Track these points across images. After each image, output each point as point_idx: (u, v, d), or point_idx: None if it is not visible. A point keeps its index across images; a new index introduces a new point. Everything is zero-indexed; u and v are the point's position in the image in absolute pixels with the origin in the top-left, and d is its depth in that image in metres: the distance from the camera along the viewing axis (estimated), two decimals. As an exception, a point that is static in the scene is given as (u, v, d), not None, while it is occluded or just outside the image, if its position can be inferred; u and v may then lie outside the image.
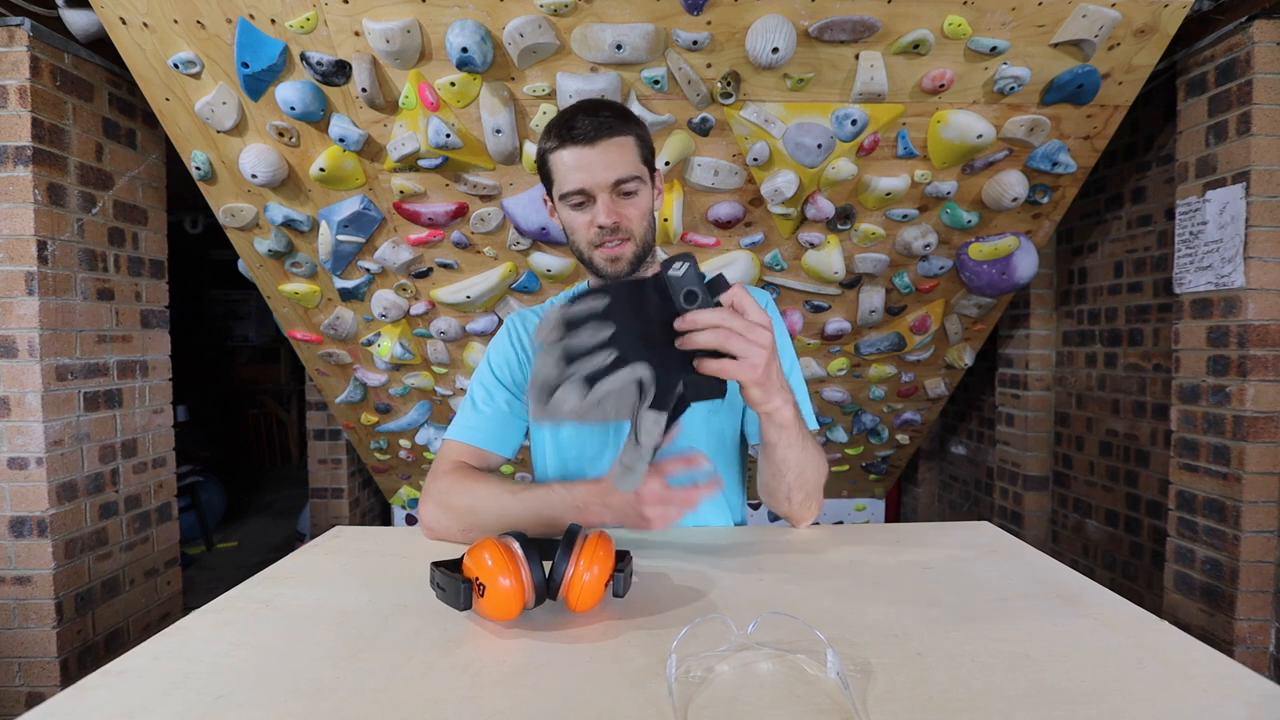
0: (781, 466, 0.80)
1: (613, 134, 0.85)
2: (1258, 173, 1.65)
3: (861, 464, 3.05)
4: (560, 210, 0.90)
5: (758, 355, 0.64)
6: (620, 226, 0.87)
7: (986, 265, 2.08)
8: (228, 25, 1.53)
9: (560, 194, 0.88)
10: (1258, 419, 1.66)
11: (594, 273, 0.92)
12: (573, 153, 0.85)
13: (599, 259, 0.89)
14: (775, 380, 0.71)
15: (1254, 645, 1.71)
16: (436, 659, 0.54)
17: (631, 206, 0.87)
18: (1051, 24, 1.55)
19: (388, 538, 0.88)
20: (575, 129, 0.84)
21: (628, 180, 0.86)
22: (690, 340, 0.62)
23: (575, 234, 0.89)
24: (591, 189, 0.85)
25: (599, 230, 0.86)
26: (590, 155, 0.84)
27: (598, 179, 0.84)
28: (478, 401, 0.97)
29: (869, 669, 0.52)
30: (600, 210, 0.85)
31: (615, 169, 0.85)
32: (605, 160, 0.84)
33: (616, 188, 0.86)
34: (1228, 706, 0.47)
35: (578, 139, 0.84)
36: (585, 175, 0.84)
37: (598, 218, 0.86)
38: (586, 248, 0.89)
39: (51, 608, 1.76)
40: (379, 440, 2.80)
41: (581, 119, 0.85)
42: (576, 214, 0.88)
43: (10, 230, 1.71)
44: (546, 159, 0.89)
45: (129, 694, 0.49)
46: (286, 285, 2.16)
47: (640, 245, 0.90)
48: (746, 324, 0.63)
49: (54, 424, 1.77)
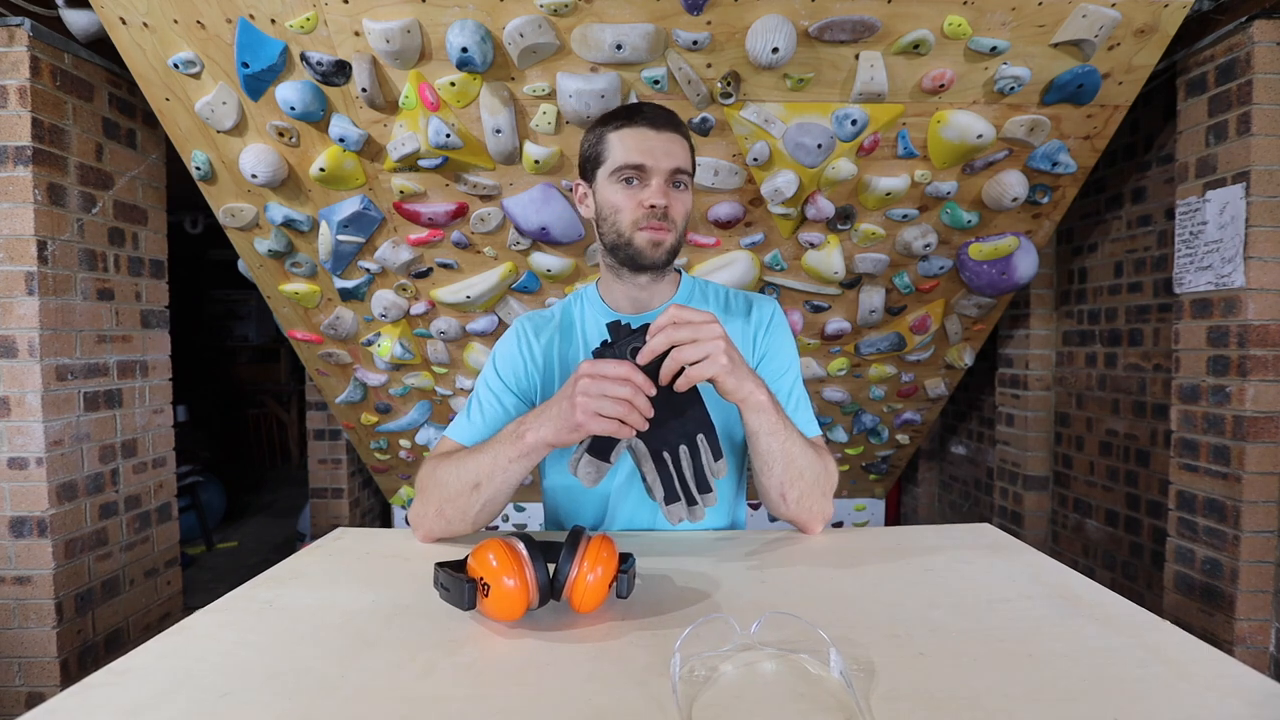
0: (768, 457, 0.81)
1: (676, 129, 0.89)
2: (1258, 173, 1.65)
3: (861, 464, 3.05)
4: (603, 190, 0.91)
5: (714, 347, 0.69)
6: (668, 213, 0.88)
7: (986, 265, 2.08)
8: (228, 25, 1.53)
9: (614, 168, 0.88)
10: (1258, 419, 1.67)
11: (627, 260, 0.91)
12: (639, 132, 0.87)
13: (641, 240, 0.89)
14: (742, 367, 0.74)
15: (1254, 645, 1.71)
16: (440, 659, 0.54)
17: (679, 199, 0.90)
18: (1051, 24, 1.55)
19: (390, 539, 0.88)
20: (644, 112, 0.88)
21: (682, 172, 0.89)
22: (653, 356, 0.70)
23: (619, 213, 0.89)
24: (651, 169, 0.87)
25: (650, 210, 0.87)
26: (656, 139, 0.87)
27: (659, 161, 0.87)
28: (482, 404, 0.96)
29: (872, 669, 0.52)
30: (655, 190, 0.87)
31: (675, 157, 0.88)
32: (667, 148, 0.88)
33: (672, 176, 0.88)
34: (1228, 705, 0.47)
35: (647, 121, 0.88)
36: (647, 155, 0.87)
37: (653, 197, 0.87)
38: (630, 228, 0.89)
39: (51, 608, 1.76)
40: (379, 440, 2.80)
41: (649, 107, 0.89)
42: (625, 193, 0.89)
43: (10, 230, 1.71)
44: (604, 137, 0.90)
45: (132, 693, 0.49)
46: (286, 285, 2.16)
47: (678, 239, 0.91)
48: (692, 326, 0.69)
49: (54, 424, 1.77)
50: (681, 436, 0.72)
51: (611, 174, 0.89)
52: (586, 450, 0.72)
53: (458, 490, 0.81)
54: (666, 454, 0.71)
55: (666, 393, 0.71)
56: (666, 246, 0.89)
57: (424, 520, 0.85)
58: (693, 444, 0.72)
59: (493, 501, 0.82)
